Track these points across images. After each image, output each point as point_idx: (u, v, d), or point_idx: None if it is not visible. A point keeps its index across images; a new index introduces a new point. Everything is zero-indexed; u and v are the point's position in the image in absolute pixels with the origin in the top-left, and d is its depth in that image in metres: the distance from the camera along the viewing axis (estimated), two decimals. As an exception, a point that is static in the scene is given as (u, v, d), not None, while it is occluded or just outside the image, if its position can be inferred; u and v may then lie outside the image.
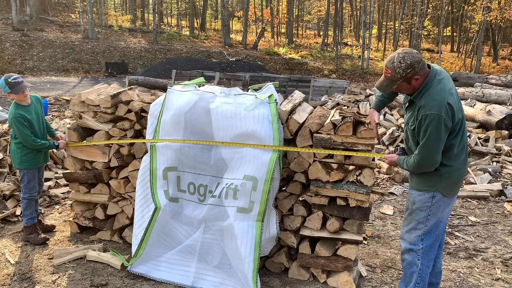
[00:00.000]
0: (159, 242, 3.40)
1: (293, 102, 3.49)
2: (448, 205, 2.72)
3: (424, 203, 2.66)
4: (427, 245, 2.73)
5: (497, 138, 8.00)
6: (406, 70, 2.46)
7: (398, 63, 2.47)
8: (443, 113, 2.41)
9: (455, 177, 2.62)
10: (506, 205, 5.28)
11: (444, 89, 2.48)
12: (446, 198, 2.66)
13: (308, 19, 51.82)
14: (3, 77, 3.68)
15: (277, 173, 3.16)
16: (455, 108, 2.45)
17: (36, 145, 3.72)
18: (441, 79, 2.53)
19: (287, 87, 13.76)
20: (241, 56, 27.47)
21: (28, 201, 3.84)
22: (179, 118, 3.29)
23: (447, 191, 2.64)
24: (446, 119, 2.42)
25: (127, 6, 43.55)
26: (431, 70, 2.56)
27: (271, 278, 3.36)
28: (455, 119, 2.47)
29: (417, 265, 2.73)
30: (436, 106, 2.42)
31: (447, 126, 2.44)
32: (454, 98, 2.49)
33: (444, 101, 2.43)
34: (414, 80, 2.51)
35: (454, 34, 38.83)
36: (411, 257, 2.75)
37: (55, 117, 9.59)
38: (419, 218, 2.70)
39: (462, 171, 2.65)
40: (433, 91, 2.48)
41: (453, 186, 2.65)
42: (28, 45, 23.22)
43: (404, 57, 2.47)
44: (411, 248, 2.74)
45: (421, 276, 2.74)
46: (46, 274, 3.35)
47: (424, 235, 2.71)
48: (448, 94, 2.46)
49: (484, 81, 15.83)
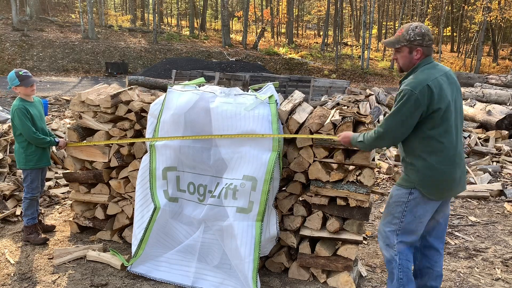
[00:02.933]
0: (159, 242, 3.40)
1: (293, 102, 3.50)
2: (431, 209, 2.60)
3: (399, 198, 2.62)
4: (402, 241, 2.66)
5: (497, 138, 8.01)
6: (416, 35, 2.50)
7: (414, 27, 2.53)
8: (418, 91, 2.38)
9: (437, 176, 2.50)
10: (506, 205, 5.28)
11: (431, 74, 2.46)
12: (429, 200, 2.56)
13: (308, 19, 51.83)
14: (13, 70, 3.76)
15: (277, 173, 3.16)
16: (435, 93, 2.39)
17: (38, 139, 3.72)
18: (433, 68, 2.52)
19: (287, 87, 13.76)
20: (241, 56, 27.48)
21: (30, 201, 3.84)
22: (179, 118, 3.29)
23: (427, 190, 2.53)
24: (419, 98, 2.37)
25: (127, 6, 43.56)
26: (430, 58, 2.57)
27: (271, 278, 3.36)
28: (432, 104, 2.40)
29: (395, 261, 2.67)
30: (414, 83, 2.41)
31: (418, 106, 2.39)
32: (440, 84, 2.43)
33: (424, 82, 2.40)
34: (415, 52, 2.53)
35: (454, 34, 38.84)
36: (388, 254, 2.70)
37: (55, 117, 9.59)
38: (394, 212, 2.65)
39: (447, 173, 2.51)
40: (419, 73, 2.49)
41: (435, 188, 2.53)
42: (28, 45, 23.22)
43: (422, 26, 2.53)
44: (387, 244, 2.70)
45: (403, 271, 2.67)
46: (46, 274, 3.35)
47: (399, 230, 2.65)
48: (433, 78, 2.43)
49: (484, 81, 15.83)
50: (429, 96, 2.39)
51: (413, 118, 2.44)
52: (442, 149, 2.48)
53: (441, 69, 2.56)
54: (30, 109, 3.75)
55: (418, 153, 2.53)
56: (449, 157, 2.50)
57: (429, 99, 2.39)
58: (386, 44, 2.69)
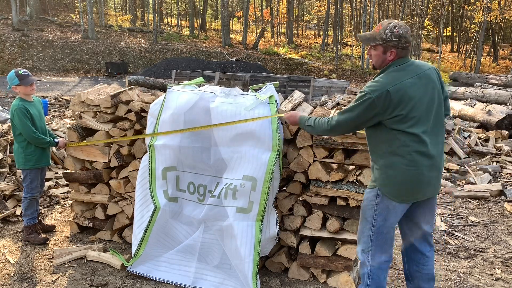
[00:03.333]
0: (159, 242, 3.40)
1: (293, 102, 3.50)
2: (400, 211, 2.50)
3: (369, 201, 2.54)
4: (377, 247, 2.56)
5: (497, 138, 8.01)
6: (393, 36, 2.39)
7: (393, 27, 2.40)
8: (375, 95, 2.32)
9: (400, 177, 2.41)
10: (506, 205, 5.28)
11: (397, 77, 2.36)
12: (394, 202, 2.46)
13: (308, 19, 51.82)
14: (13, 70, 3.79)
15: (277, 173, 3.16)
16: (394, 100, 2.31)
17: (37, 139, 3.72)
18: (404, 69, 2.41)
19: (287, 87, 13.76)
20: (241, 56, 27.48)
21: (30, 201, 3.84)
22: (179, 117, 3.29)
23: (390, 191, 2.45)
24: (375, 102, 2.32)
25: (127, 6, 43.55)
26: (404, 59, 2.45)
27: (271, 278, 3.36)
28: (390, 110, 2.33)
29: (367, 267, 2.59)
30: (375, 87, 2.35)
31: (373, 109, 2.34)
32: (403, 89, 2.33)
33: (384, 87, 2.33)
34: (389, 53, 2.43)
35: (454, 34, 38.84)
36: (362, 258, 2.63)
37: (55, 117, 9.59)
38: (367, 216, 2.57)
39: (413, 176, 2.39)
40: (384, 75, 2.40)
41: (398, 190, 2.43)
42: (28, 45, 23.22)
43: (401, 27, 2.41)
44: (363, 249, 2.62)
45: (372, 278, 2.59)
46: (46, 274, 3.35)
47: (373, 236, 2.55)
48: (397, 83, 2.33)
49: (484, 81, 15.84)
50: (387, 102, 2.32)
51: (366, 120, 2.42)
52: (408, 149, 2.38)
53: (414, 70, 2.43)
54: (30, 108, 3.75)
55: (381, 152, 2.47)
56: (416, 158, 2.38)
57: (386, 105, 2.33)
58: (361, 39, 2.59)
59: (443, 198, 5.57)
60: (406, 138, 2.37)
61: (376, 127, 2.47)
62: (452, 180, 6.32)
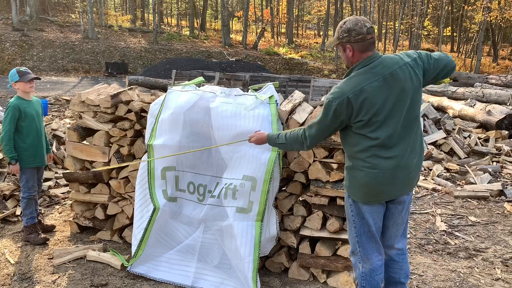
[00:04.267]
0: (159, 242, 3.40)
1: (293, 102, 3.50)
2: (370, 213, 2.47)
3: (347, 202, 2.58)
4: (364, 248, 2.55)
5: (497, 138, 8.01)
6: (343, 32, 2.35)
7: (342, 24, 2.38)
8: (337, 103, 2.29)
9: (360, 180, 2.40)
10: (506, 205, 5.28)
11: (358, 83, 2.29)
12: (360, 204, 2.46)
13: (308, 19, 51.80)
14: (14, 68, 3.85)
15: (277, 173, 3.16)
16: (355, 107, 2.27)
17: (7, 143, 3.68)
18: (366, 72, 2.31)
19: (287, 87, 13.75)
20: (241, 56, 27.47)
21: (28, 200, 3.85)
22: (178, 117, 3.29)
23: (354, 193, 2.46)
24: (338, 110, 2.30)
25: (127, 6, 43.55)
26: (369, 57, 2.34)
27: (271, 278, 3.36)
28: (353, 116, 2.30)
29: (359, 268, 2.61)
30: (336, 94, 2.31)
31: (338, 116, 2.32)
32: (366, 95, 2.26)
33: (345, 93, 2.28)
34: (348, 50, 2.37)
35: (454, 34, 38.82)
36: (354, 260, 2.65)
37: (55, 117, 9.59)
38: (349, 217, 2.59)
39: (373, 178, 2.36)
40: (347, 80, 2.35)
41: (360, 192, 2.43)
42: (28, 45, 23.22)
43: (350, 20, 2.36)
44: (352, 251, 2.65)
45: (366, 279, 2.59)
46: (46, 274, 3.35)
47: (357, 237, 2.55)
48: (358, 89, 2.27)
49: (484, 81, 15.85)
50: (349, 109, 2.29)
51: (336, 127, 2.40)
52: (367, 154, 2.36)
53: (380, 71, 2.31)
54: (26, 108, 3.78)
55: (347, 155, 2.50)
56: (376, 161, 2.35)
57: (349, 111, 2.30)
58: (326, 46, 2.63)
59: (443, 198, 5.58)
60: (368, 142, 2.34)
61: (343, 130, 2.47)
62: (452, 180, 6.32)
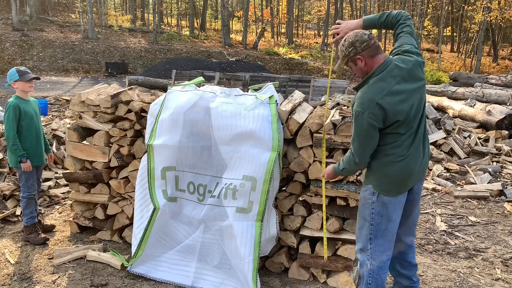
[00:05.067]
0: (159, 242, 3.40)
1: (293, 102, 3.50)
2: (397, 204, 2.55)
3: (366, 200, 2.58)
4: (377, 246, 2.58)
5: (497, 138, 8.00)
6: (348, 48, 2.45)
7: (343, 41, 2.49)
8: (368, 112, 2.33)
9: (390, 172, 2.48)
10: (506, 205, 5.28)
11: (382, 88, 2.36)
12: (390, 197, 2.52)
13: (308, 19, 51.80)
14: (14, 68, 3.84)
15: (277, 173, 3.16)
16: (387, 110, 2.33)
17: (13, 142, 3.70)
18: (386, 76, 2.38)
19: (287, 87, 13.75)
20: (241, 56, 27.47)
21: (28, 200, 3.84)
22: (178, 117, 3.29)
23: (382, 187, 2.51)
24: (371, 119, 2.33)
25: (127, 6, 43.54)
26: (383, 62, 2.42)
27: (271, 278, 3.36)
28: (388, 120, 2.36)
29: (366, 266, 2.62)
30: (363, 104, 2.35)
31: (373, 125, 2.35)
32: (392, 99, 2.34)
33: (373, 101, 2.33)
34: (359, 61, 2.45)
35: (454, 34, 38.84)
36: (362, 257, 2.65)
37: (55, 117, 9.59)
38: (364, 215, 2.60)
39: (402, 168, 2.47)
40: (368, 88, 2.40)
41: (389, 184, 2.50)
42: (28, 45, 23.22)
43: (349, 36, 2.47)
44: (361, 248, 2.65)
45: (372, 277, 2.62)
46: (46, 274, 3.35)
47: (371, 234, 2.58)
48: (384, 94, 2.34)
49: (484, 81, 15.84)
50: (382, 114, 2.34)
51: (374, 136, 2.42)
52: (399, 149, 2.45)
53: (398, 73, 2.40)
54: (25, 108, 3.79)
55: (377, 155, 2.51)
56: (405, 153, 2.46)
57: (383, 116, 2.35)
58: (335, 69, 2.68)
59: (443, 198, 5.58)
60: (401, 137, 2.44)
61: None
62: (452, 180, 6.32)
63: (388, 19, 2.74)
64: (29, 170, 3.78)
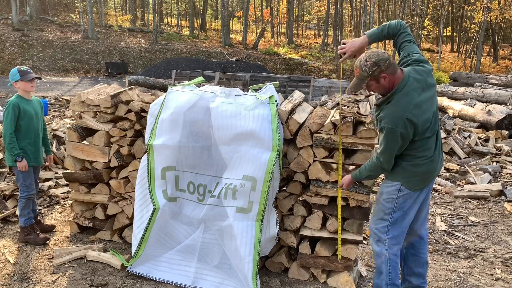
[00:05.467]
0: (159, 242, 3.40)
1: (293, 102, 3.49)
2: (417, 199, 2.77)
3: (390, 195, 2.75)
4: (393, 237, 2.79)
5: (497, 138, 8.01)
6: (372, 67, 2.56)
7: (364, 61, 2.58)
8: (400, 127, 2.51)
9: (420, 172, 2.69)
10: (506, 205, 5.28)
11: (408, 103, 2.53)
12: (413, 192, 2.72)
13: (308, 19, 51.79)
14: (15, 67, 3.83)
15: (277, 173, 3.16)
16: (418, 124, 2.53)
17: (10, 140, 3.67)
18: (409, 91, 2.55)
19: (287, 87, 13.75)
20: (241, 56, 27.46)
21: (26, 200, 3.83)
22: (178, 117, 3.29)
23: (411, 184, 2.71)
24: (403, 133, 2.52)
25: (127, 6, 43.53)
26: (403, 78, 2.58)
27: (271, 278, 3.36)
28: (417, 131, 2.56)
29: (385, 255, 2.80)
30: (394, 121, 2.52)
31: (405, 138, 2.55)
32: (420, 111, 2.53)
33: (403, 117, 2.50)
34: (383, 79, 2.59)
35: (454, 34, 38.82)
36: (378, 248, 2.82)
37: (55, 117, 9.58)
38: (385, 209, 2.78)
39: (430, 169, 2.71)
40: (396, 104, 2.55)
41: (417, 181, 2.71)
42: (28, 45, 23.21)
43: (370, 55, 2.58)
44: (378, 239, 2.82)
45: (391, 265, 2.81)
46: (46, 274, 3.35)
47: (389, 226, 2.78)
48: (411, 109, 2.51)
49: (484, 81, 15.84)
50: (412, 127, 2.53)
51: (403, 146, 2.62)
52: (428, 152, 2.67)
53: (417, 85, 2.57)
54: (26, 107, 3.77)
55: (405, 156, 2.69)
56: (433, 154, 2.69)
57: (412, 129, 2.54)
58: (353, 89, 2.75)
59: (443, 198, 5.58)
60: (428, 141, 2.65)
61: None
62: (452, 180, 6.32)
63: (390, 30, 2.88)
64: (25, 169, 3.76)
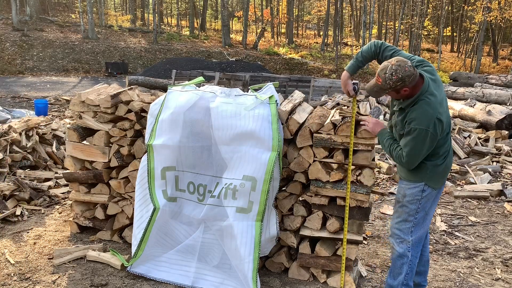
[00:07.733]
0: (159, 242, 3.40)
1: (293, 102, 3.50)
2: (436, 198, 2.85)
3: (414, 197, 2.76)
4: (417, 237, 2.82)
5: (497, 138, 8.00)
6: (396, 82, 2.53)
7: (390, 75, 2.52)
8: (431, 128, 2.52)
9: (441, 170, 2.75)
10: (506, 205, 5.28)
11: (435, 103, 2.56)
12: (434, 190, 2.78)
13: (308, 19, 51.80)
14: None
15: (277, 173, 3.16)
16: (444, 122, 2.57)
17: None
18: (432, 92, 2.58)
19: (287, 87, 13.75)
20: (241, 56, 27.46)
21: None
22: (178, 117, 3.29)
23: (433, 183, 2.76)
24: (433, 133, 2.54)
25: (127, 6, 43.52)
26: (424, 83, 2.59)
27: (271, 278, 3.36)
28: (444, 131, 2.60)
29: (407, 257, 2.82)
30: (426, 121, 2.53)
31: (435, 138, 2.57)
32: (443, 109, 2.59)
33: (433, 117, 2.53)
34: (403, 91, 2.59)
35: (454, 34, 38.82)
36: (402, 249, 2.83)
37: (55, 117, 9.58)
38: (409, 211, 2.79)
39: (448, 164, 2.79)
40: (425, 106, 2.55)
41: (439, 178, 2.77)
42: (28, 45, 23.21)
43: (397, 70, 2.50)
44: (402, 241, 2.83)
45: (411, 267, 2.84)
46: (46, 274, 3.35)
47: (413, 227, 2.80)
48: (439, 107, 2.56)
49: (484, 81, 15.84)
50: (440, 126, 2.56)
51: (432, 147, 2.63)
52: (447, 150, 2.74)
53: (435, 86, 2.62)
54: None
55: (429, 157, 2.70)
56: (449, 152, 2.77)
57: (440, 128, 2.57)
58: (371, 94, 2.74)
59: (443, 198, 5.57)
60: (446, 138, 2.71)
61: None
62: (452, 180, 6.32)
63: (365, 54, 2.91)
64: None
